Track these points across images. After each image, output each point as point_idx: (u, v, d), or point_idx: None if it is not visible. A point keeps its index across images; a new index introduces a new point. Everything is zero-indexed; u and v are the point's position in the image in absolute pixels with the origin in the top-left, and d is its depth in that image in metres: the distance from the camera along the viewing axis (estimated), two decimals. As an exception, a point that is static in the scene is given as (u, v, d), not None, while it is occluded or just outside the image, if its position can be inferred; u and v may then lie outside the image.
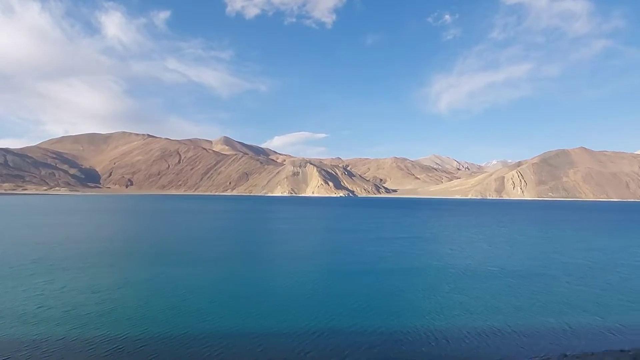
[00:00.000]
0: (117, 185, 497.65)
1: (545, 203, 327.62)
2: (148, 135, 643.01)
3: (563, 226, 68.71)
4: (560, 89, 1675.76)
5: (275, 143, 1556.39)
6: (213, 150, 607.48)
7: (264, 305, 17.72)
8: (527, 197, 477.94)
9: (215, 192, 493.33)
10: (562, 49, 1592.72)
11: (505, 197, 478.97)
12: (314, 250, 35.39)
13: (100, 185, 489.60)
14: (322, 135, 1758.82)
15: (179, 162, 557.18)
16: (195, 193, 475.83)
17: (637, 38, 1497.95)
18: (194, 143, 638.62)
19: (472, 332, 14.89)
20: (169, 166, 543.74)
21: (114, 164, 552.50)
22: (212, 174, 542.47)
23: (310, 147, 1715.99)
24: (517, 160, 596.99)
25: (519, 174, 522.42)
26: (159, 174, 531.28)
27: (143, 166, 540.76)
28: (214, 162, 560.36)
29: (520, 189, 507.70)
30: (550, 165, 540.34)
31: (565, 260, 30.94)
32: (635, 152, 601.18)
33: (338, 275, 23.88)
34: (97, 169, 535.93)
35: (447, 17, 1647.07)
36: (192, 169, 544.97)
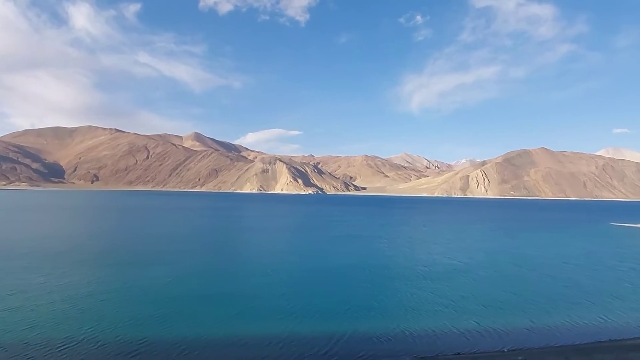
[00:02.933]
0: (82, 181, 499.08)
1: (504, 201, 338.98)
2: (116, 129, 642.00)
3: (481, 226, 73.70)
4: (526, 91, 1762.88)
5: (249, 140, 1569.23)
6: (183, 146, 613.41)
7: (212, 307, 18.69)
8: (490, 195, 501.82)
9: (184, 188, 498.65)
10: (528, 52, 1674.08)
11: (470, 196, 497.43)
12: (258, 248, 38.13)
13: (64, 181, 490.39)
14: (296, 132, 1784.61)
15: (147, 157, 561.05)
16: (164, 189, 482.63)
17: (600, 43, 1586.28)
18: (163, 138, 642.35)
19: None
20: (136, 162, 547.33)
21: (79, 158, 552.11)
22: (181, 170, 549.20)
23: (284, 144, 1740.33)
24: (485, 160, 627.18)
25: (482, 173, 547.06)
26: (126, 170, 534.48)
27: (110, 161, 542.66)
28: (184, 158, 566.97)
29: (484, 187, 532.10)
30: (513, 164, 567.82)
31: (444, 261, 33.01)
32: (594, 153, 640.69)
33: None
34: (61, 164, 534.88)
35: (418, 18, 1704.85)
36: (160, 165, 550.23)
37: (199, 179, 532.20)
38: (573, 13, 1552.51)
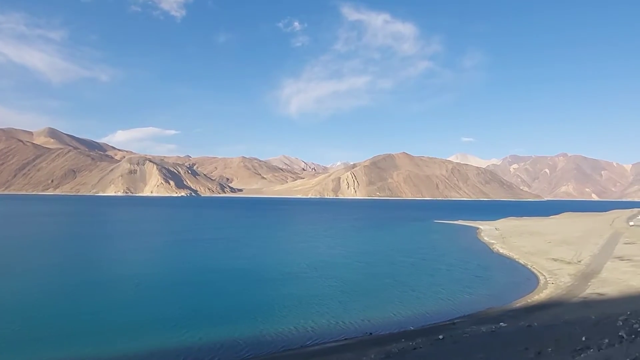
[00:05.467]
0: None
1: (368, 202, 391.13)
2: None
3: (319, 226, 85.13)
4: (392, 101, 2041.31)
5: (119, 138, 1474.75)
6: (32, 143, 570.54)
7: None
8: (359, 196, 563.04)
9: (34, 191, 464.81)
10: (394, 66, 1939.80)
11: (341, 197, 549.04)
12: (70, 259, 40.45)
13: None
14: (172, 132, 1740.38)
15: None
16: (6, 192, 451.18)
17: (451, 62, 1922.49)
18: (7, 133, 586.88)
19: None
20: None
21: None
22: (29, 170, 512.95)
23: (159, 144, 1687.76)
24: (355, 163, 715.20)
25: (352, 175, 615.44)
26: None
27: None
28: (33, 157, 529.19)
29: (354, 189, 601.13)
30: (379, 167, 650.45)
31: (236, 266, 38.11)
32: (446, 159, 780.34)
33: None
34: None
35: (296, 24, 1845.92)
36: (2, 164, 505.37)
37: (53, 181, 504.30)
38: (429, 34, 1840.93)
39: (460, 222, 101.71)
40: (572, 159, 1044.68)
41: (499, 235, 65.44)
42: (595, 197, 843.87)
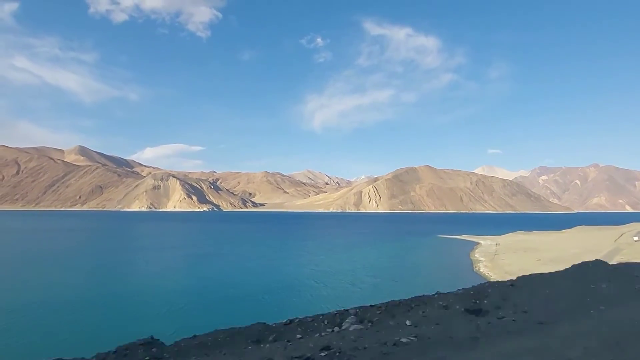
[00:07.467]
0: None
1: (388, 215, 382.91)
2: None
3: (313, 242, 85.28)
4: (416, 114, 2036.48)
5: (147, 155, 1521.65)
6: (63, 161, 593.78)
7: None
8: (381, 210, 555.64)
9: (62, 207, 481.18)
10: (417, 79, 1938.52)
11: (363, 210, 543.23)
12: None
13: None
14: (198, 148, 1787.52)
15: (18, 172, 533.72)
16: (36, 209, 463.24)
17: (475, 74, 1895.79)
18: (39, 152, 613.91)
19: None
20: (3, 177, 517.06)
21: None
22: (58, 186, 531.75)
23: (186, 159, 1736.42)
24: (377, 176, 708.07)
25: (374, 188, 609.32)
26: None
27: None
28: (62, 174, 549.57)
29: (375, 202, 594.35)
30: (401, 181, 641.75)
31: (149, 281, 40.49)
32: (470, 171, 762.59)
33: None
34: None
35: (319, 40, 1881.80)
36: (33, 181, 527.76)
37: (80, 197, 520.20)
38: (453, 46, 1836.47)
39: (463, 236, 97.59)
40: (604, 169, 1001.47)
41: (493, 252, 61.82)
42: (629, 209, 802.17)
